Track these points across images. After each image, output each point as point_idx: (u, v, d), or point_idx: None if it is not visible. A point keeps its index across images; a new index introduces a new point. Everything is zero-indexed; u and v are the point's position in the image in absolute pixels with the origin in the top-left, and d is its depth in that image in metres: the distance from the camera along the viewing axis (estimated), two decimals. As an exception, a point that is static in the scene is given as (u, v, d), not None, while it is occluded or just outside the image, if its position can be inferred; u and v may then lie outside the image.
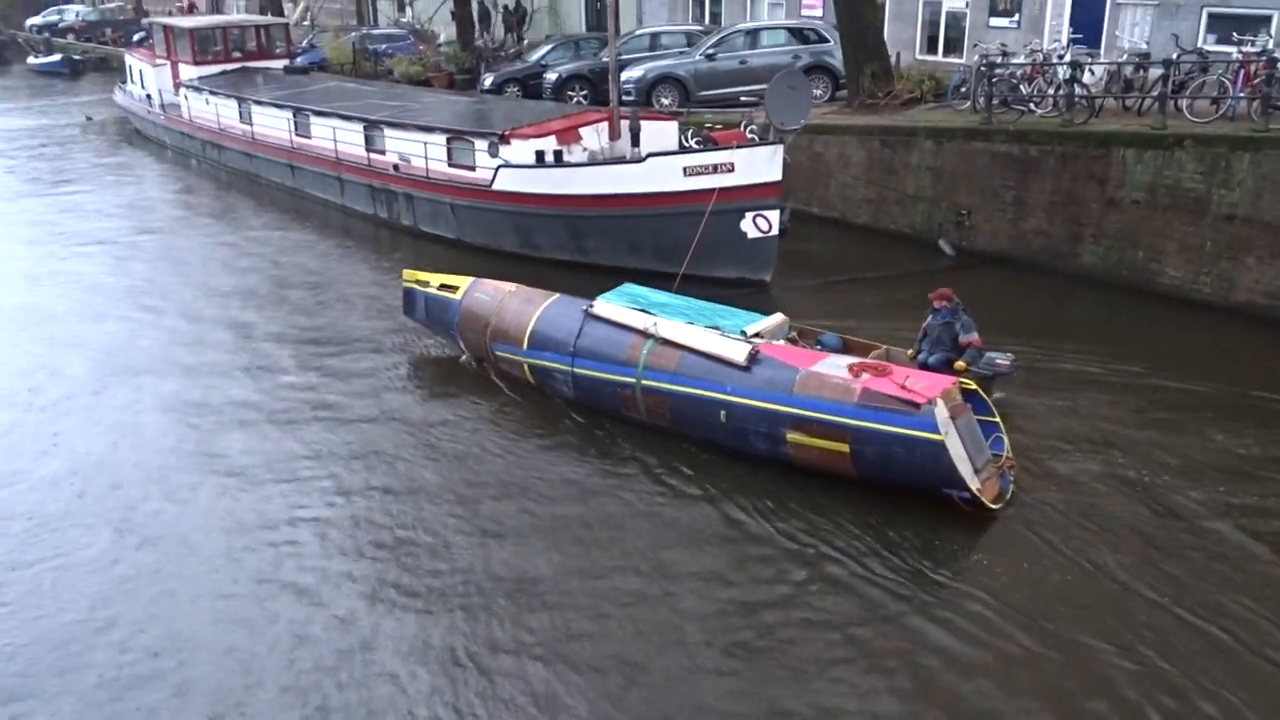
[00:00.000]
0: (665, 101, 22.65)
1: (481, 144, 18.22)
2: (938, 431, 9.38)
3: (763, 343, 11.03)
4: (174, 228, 21.50)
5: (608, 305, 12.02)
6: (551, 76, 25.04)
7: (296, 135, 22.62)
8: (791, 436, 10.20)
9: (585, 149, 17.73)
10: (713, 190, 15.14)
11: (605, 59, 20.24)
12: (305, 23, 43.03)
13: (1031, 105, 17.42)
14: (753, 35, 23.64)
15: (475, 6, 31.95)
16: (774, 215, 15.59)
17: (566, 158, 17.48)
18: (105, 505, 10.32)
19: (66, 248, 19.89)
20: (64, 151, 30.12)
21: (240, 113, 24.78)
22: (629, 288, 12.67)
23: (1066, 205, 16.09)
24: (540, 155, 17.37)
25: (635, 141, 17.34)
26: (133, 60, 32.35)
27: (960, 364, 11.37)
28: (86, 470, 11.04)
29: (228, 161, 25.92)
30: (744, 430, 10.58)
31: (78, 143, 31.57)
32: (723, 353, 10.78)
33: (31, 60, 50.65)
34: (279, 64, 29.17)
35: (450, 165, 18.74)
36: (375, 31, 36.36)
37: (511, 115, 19.81)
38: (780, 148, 15.25)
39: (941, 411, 9.53)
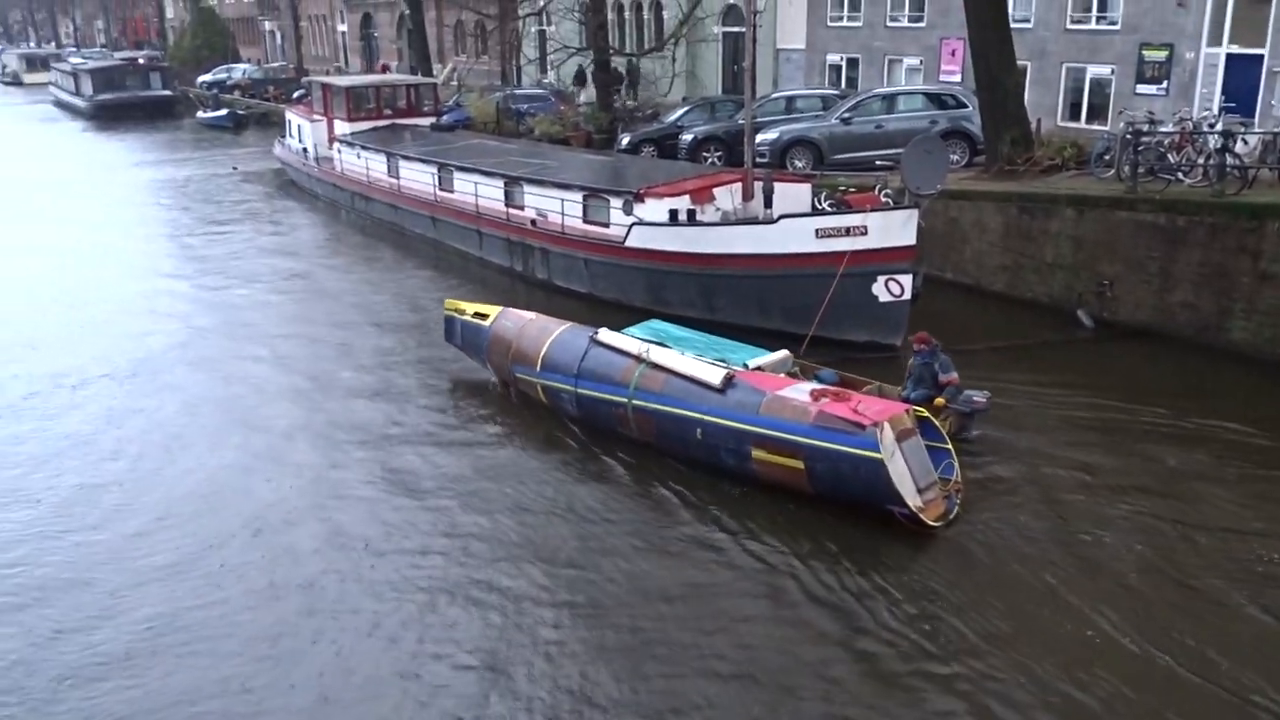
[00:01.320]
0: (799, 164, 22.77)
1: (616, 202, 18.61)
2: (879, 451, 10.25)
3: (741, 369, 12.08)
4: (320, 270, 22.71)
5: (610, 333, 13.33)
6: (687, 137, 25.45)
7: (440, 189, 23.51)
8: (756, 454, 11.22)
9: (718, 209, 17.94)
10: (844, 253, 15.13)
11: (741, 121, 20.49)
12: (453, 83, 44.75)
13: (1180, 175, 16.93)
14: (890, 100, 23.63)
15: (581, 68, 32.75)
16: (907, 280, 15.46)
17: (699, 217, 17.71)
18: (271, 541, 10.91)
19: (225, 280, 21.60)
20: (225, 198, 31.95)
21: (388, 167, 25.89)
22: (654, 323, 14.06)
23: (1216, 278, 15.50)
24: (674, 214, 17.66)
25: (768, 203, 17.48)
26: (292, 116, 34.16)
27: (940, 400, 12.36)
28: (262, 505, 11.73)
29: (374, 213, 27.06)
30: (716, 447, 11.63)
31: (237, 190, 33.42)
32: (701, 376, 11.92)
33: (200, 114, 53.97)
34: (426, 121, 30.43)
35: (585, 221, 19.18)
36: (518, 91, 37.60)
37: (646, 174, 20.22)
38: (915, 212, 15.15)
39: (886, 434, 10.40)
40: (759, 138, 22.26)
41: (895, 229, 15.19)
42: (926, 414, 11.40)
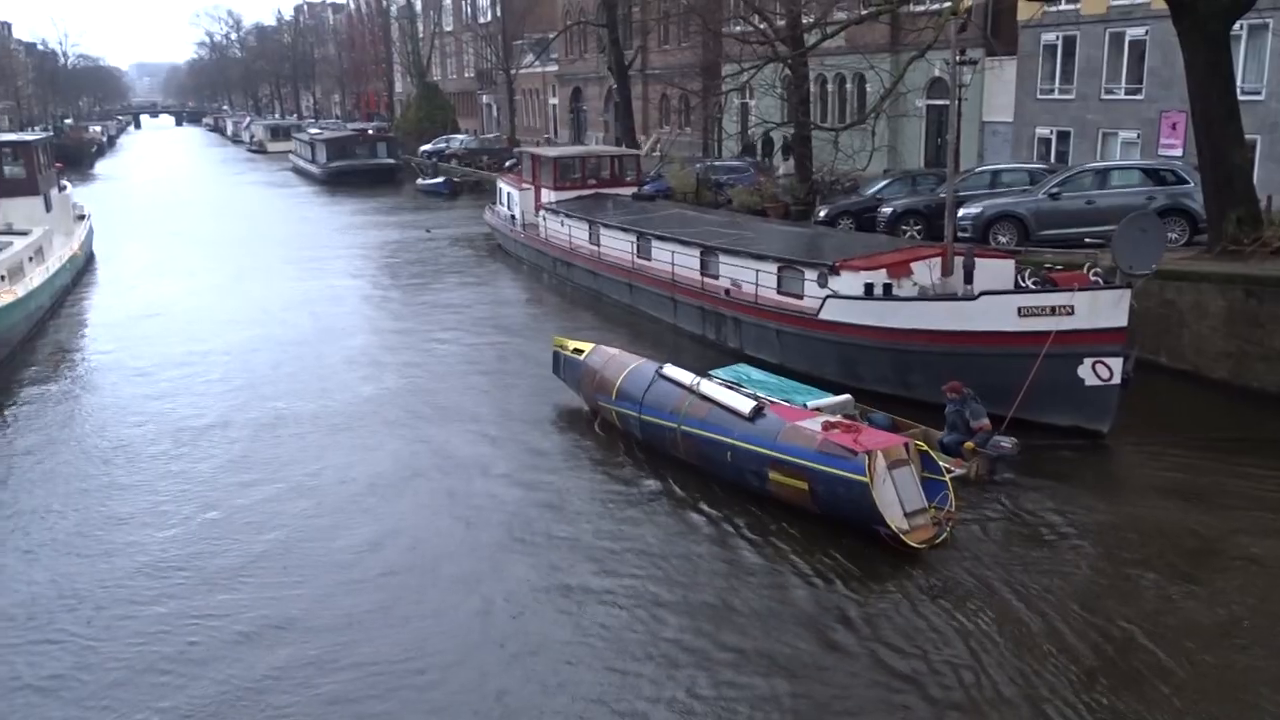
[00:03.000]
0: (1003, 240, 22.13)
1: (811, 274, 18.57)
2: (864, 475, 11.53)
3: (770, 401, 13.54)
4: (520, 327, 23.86)
5: (672, 367, 15.19)
6: (886, 210, 25.20)
7: (638, 257, 24.09)
8: (772, 475, 12.65)
9: (916, 284, 17.63)
10: (1049, 333, 14.54)
11: (942, 194, 20.14)
12: (655, 154, 45.97)
13: None
14: (1102, 175, 22.70)
15: (785, 140, 32.91)
16: (1116, 363, 14.68)
17: (896, 291, 17.45)
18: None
19: (437, 331, 23.25)
20: (438, 259, 33.76)
21: (590, 234, 26.77)
22: (740, 366, 15.96)
23: None
24: (869, 288, 17.46)
25: (968, 279, 17.03)
26: (502, 184, 35.88)
27: (969, 445, 13.56)
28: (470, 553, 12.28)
29: (575, 278, 27.95)
30: (742, 469, 13.15)
31: (449, 253, 35.26)
32: (735, 405, 13.49)
33: (420, 181, 57.43)
34: (628, 191, 31.35)
35: (779, 293, 19.22)
36: (718, 163, 38.25)
37: (843, 247, 20.11)
38: (1127, 292, 14.44)
39: (878, 461, 11.67)
40: (961, 212, 21.82)
41: (1105, 309, 14.50)
42: (927, 449, 12.55)
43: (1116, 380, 14.74)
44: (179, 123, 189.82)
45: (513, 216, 33.31)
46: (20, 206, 28.44)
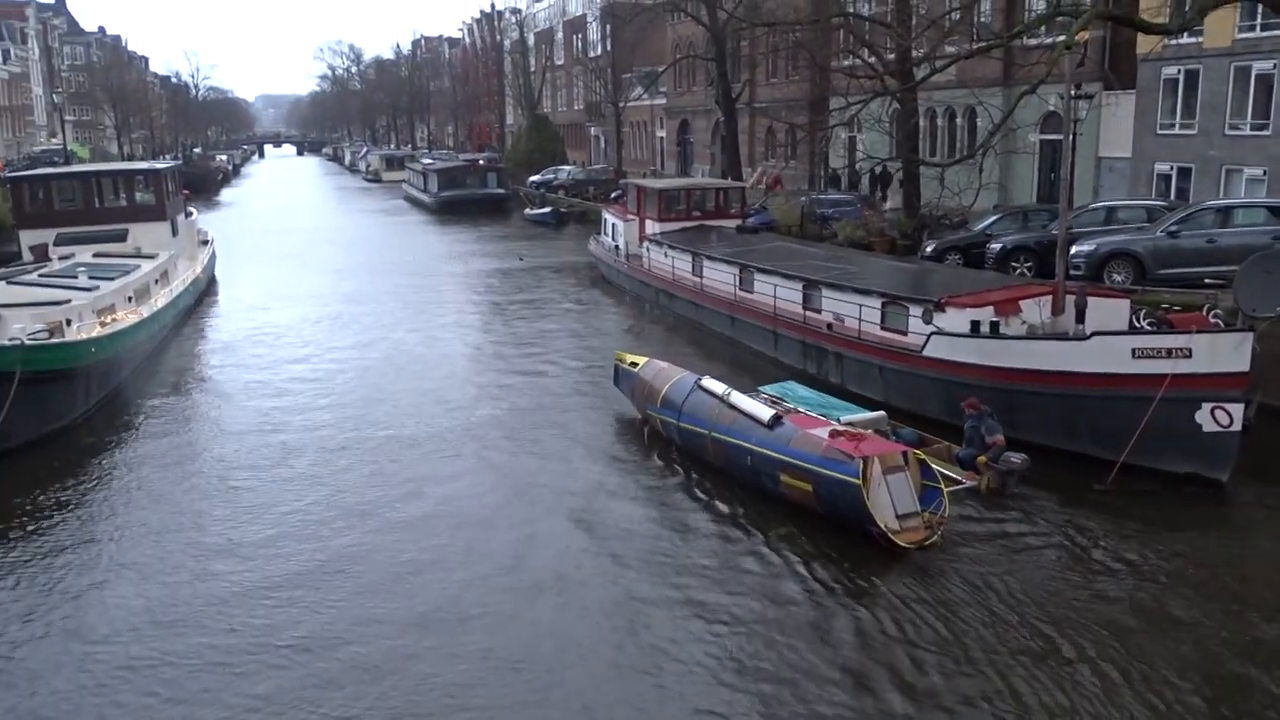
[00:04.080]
0: (1117, 278, 21.48)
1: (916, 309, 18.31)
2: (857, 478, 12.53)
3: (790, 410, 14.79)
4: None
5: (709, 380, 16.46)
6: (995, 246, 24.70)
7: (740, 289, 24.07)
8: (784, 478, 13.68)
9: (1024, 322, 17.22)
10: (1165, 376, 14.05)
11: (1054, 231, 19.66)
12: (760, 186, 45.99)
13: None
14: (1225, 212, 21.86)
15: (885, 170, 32.51)
16: (1237, 409, 14.07)
17: (1003, 330, 17.07)
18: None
19: (538, 356, 23.75)
20: (542, 287, 34.27)
21: (693, 266, 26.86)
22: (789, 383, 17.25)
23: None
24: (975, 325, 17.12)
25: (1080, 318, 16.56)
26: (607, 214, 36.28)
27: (982, 459, 14.38)
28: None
29: (677, 309, 28.05)
30: (759, 472, 14.19)
31: (553, 281, 35.76)
32: (756, 414, 14.61)
33: (527, 211, 58.46)
34: (732, 223, 31.38)
35: (883, 328, 18.98)
36: (823, 196, 38.04)
37: (949, 283, 19.78)
38: (1249, 335, 13.89)
39: (874, 467, 12.65)
40: (1074, 249, 21.28)
41: (1225, 353, 13.96)
42: (926, 458, 13.48)
43: (1237, 427, 14.13)
44: (300, 152, 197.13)
45: (616, 247, 33.64)
46: (149, 231, 29.83)
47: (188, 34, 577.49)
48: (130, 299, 23.72)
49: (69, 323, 19.81)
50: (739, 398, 15.38)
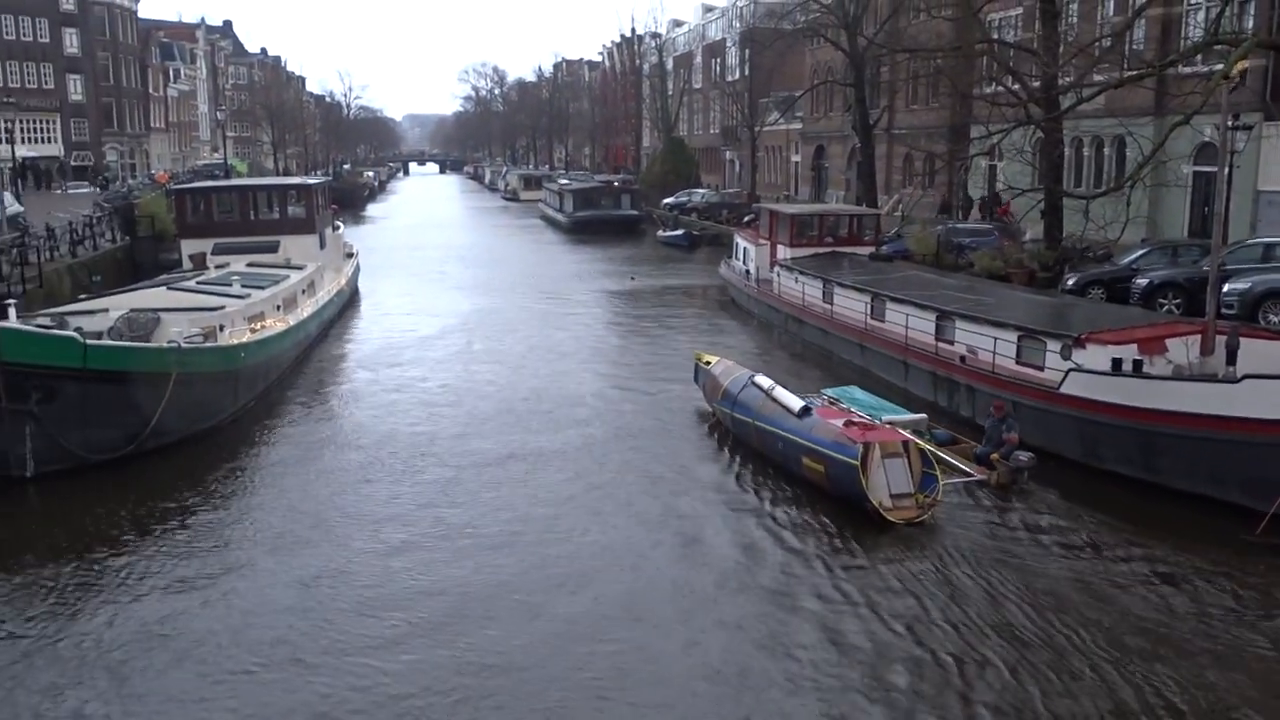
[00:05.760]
0: (1274, 319, 20.42)
1: (1054, 344, 17.77)
2: (856, 460, 14.33)
3: (820, 404, 17.43)
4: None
5: (761, 377, 18.27)
6: (1142, 281, 23.76)
7: (871, 318, 23.76)
8: (805, 461, 15.56)
9: (1170, 361, 16.55)
10: (1325, 425, 13.29)
11: (1205, 267, 18.83)
12: (896, 214, 45.34)
13: None
14: (1397, 253, 20.63)
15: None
16: (1406, 463, 13.23)
17: (1147, 369, 16.41)
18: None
19: (663, 378, 23.70)
20: (671, 309, 34.52)
21: (823, 292, 26.64)
22: (851, 388, 19.91)
23: None
24: (1117, 363, 16.51)
25: (1231, 359, 15.83)
26: (739, 238, 36.31)
27: (994, 455, 16.00)
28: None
29: (805, 335, 27.84)
30: (788, 456, 16.12)
31: (682, 303, 35.99)
32: (789, 405, 16.57)
33: (660, 233, 58.96)
34: (865, 250, 31.02)
35: (1018, 363, 18.48)
36: (960, 225, 37.26)
37: (1091, 318, 19.15)
38: None
39: (874, 452, 14.47)
40: (1227, 287, 20.36)
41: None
42: (929, 448, 15.55)
43: (1405, 481, 13.27)
44: (442, 170, 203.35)
45: (747, 271, 33.61)
46: (298, 243, 31.21)
47: (342, 55, 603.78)
48: (279, 307, 24.85)
49: (222, 328, 20.88)
50: (780, 392, 17.29)
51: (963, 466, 16.37)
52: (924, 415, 18.20)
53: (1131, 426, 15.64)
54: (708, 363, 20.55)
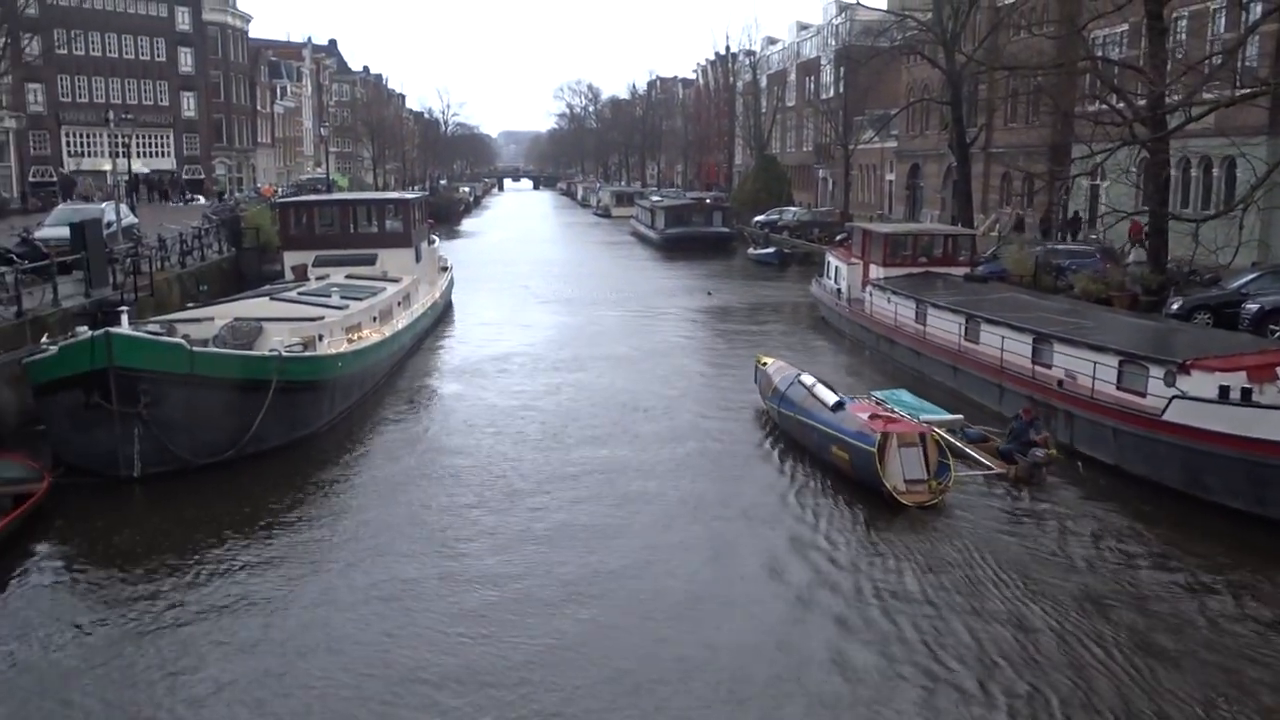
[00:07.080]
0: (1396, 348, 19.48)
1: (1157, 370, 17.23)
2: (873, 448, 15.66)
3: (852, 400, 18.38)
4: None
5: (806, 375, 19.81)
6: (1252, 307, 22.95)
7: (965, 339, 23.32)
8: (834, 450, 16.96)
9: (1281, 390, 15.90)
10: None
11: (1322, 294, 18.11)
12: (993, 233, 44.50)
13: None
14: None
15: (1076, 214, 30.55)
16: None
17: (1256, 397, 15.81)
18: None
19: (743, 397, 23.19)
20: (761, 326, 34.40)
21: (916, 313, 26.23)
22: (899, 391, 21.41)
23: None
24: (1224, 390, 15.94)
25: (1348, 389, 15.16)
26: (831, 257, 35.98)
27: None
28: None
29: (897, 356, 27.45)
30: (821, 446, 17.54)
31: (771, 320, 35.82)
32: (825, 399, 18.08)
33: (751, 251, 58.79)
34: (960, 271, 30.48)
35: (1119, 388, 17.95)
36: (1060, 247, 36.39)
37: (1197, 344, 18.52)
38: None
39: (891, 441, 15.78)
40: (1345, 315, 19.47)
41: None
42: (944, 439, 17.22)
43: None
44: (535, 186, 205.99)
45: (839, 290, 33.29)
46: (395, 256, 31.88)
47: (441, 73, 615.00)
48: (375, 319, 25.40)
49: (320, 338, 21.42)
50: (820, 389, 18.71)
51: (985, 460, 17.72)
52: (960, 416, 19.92)
53: (1239, 457, 15.05)
54: (763, 363, 22.14)
